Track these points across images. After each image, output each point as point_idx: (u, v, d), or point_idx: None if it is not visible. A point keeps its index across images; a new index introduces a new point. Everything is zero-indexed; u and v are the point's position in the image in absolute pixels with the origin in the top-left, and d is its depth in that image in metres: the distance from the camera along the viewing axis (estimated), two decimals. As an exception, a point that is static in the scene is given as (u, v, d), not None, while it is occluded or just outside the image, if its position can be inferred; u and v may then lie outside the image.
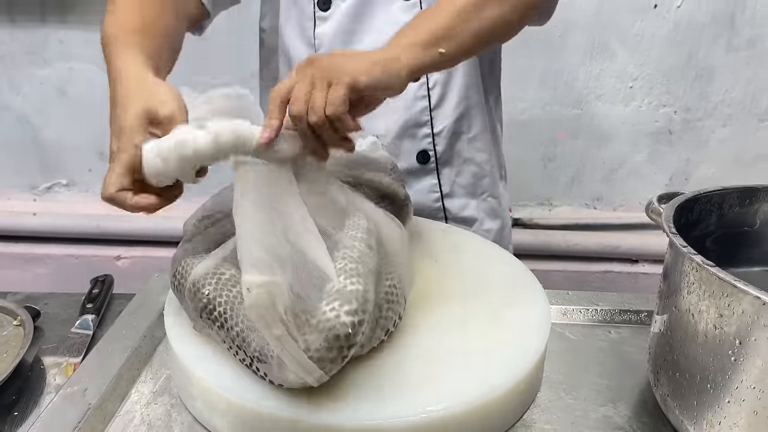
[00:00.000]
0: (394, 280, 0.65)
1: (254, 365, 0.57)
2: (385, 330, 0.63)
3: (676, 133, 1.66)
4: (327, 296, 0.55)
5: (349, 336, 0.54)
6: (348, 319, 0.54)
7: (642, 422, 0.63)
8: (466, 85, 0.95)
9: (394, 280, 0.65)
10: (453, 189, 1.01)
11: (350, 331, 0.53)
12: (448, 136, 0.97)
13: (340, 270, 0.58)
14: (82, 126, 1.69)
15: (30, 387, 0.74)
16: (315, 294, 0.56)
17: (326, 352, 0.53)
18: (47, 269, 1.77)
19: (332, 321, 0.53)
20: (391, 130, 0.95)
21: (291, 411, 0.55)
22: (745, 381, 0.51)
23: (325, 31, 0.91)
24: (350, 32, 0.91)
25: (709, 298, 0.54)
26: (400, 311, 0.65)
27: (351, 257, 0.59)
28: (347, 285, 0.56)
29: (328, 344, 0.53)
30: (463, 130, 0.98)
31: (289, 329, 0.53)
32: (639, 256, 1.72)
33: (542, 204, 1.77)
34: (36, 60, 1.63)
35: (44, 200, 1.78)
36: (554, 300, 0.82)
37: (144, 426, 0.62)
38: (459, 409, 0.56)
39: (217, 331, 0.60)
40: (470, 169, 1.01)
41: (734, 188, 0.71)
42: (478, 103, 0.98)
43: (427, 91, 0.94)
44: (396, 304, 0.64)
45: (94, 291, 0.93)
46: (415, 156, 0.96)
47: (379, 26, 0.91)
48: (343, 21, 0.91)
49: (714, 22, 1.54)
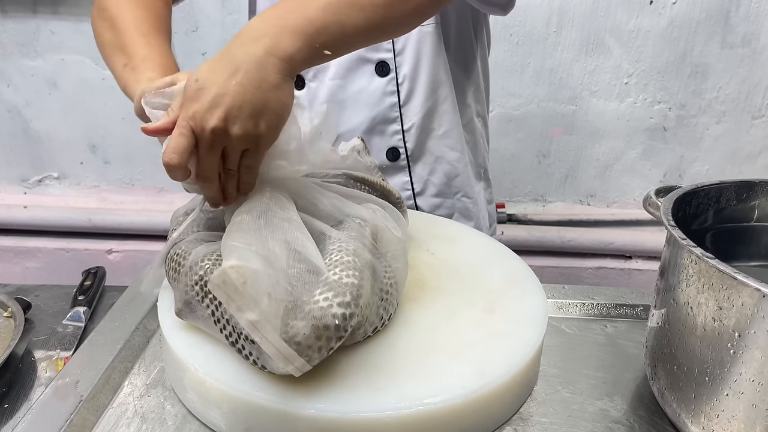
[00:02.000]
0: (391, 279, 0.64)
1: (240, 342, 0.56)
2: (373, 327, 0.62)
3: (671, 129, 1.66)
4: (321, 286, 0.55)
5: (339, 328, 0.53)
6: (340, 311, 0.53)
7: (638, 416, 0.63)
8: (432, 81, 0.94)
9: (391, 279, 0.64)
10: (425, 187, 1.00)
11: (339, 323, 0.53)
12: (417, 132, 0.96)
13: (337, 262, 0.57)
14: (74, 118, 1.68)
15: (20, 379, 0.73)
16: (307, 286, 0.55)
17: (313, 341, 0.53)
18: (38, 263, 1.76)
19: (324, 310, 0.53)
20: (360, 126, 0.94)
21: (285, 402, 0.54)
22: (744, 374, 0.51)
23: None
24: None
25: (708, 290, 0.53)
26: (391, 311, 0.64)
27: (347, 250, 0.59)
28: (342, 277, 0.56)
29: (316, 333, 0.52)
30: (433, 126, 0.97)
31: (268, 316, 0.52)
32: (632, 252, 1.72)
33: (536, 200, 1.77)
34: (27, 51, 1.61)
35: (35, 193, 1.77)
36: (550, 294, 0.81)
37: (137, 418, 0.61)
38: (456, 402, 0.55)
39: (207, 304, 0.59)
40: (442, 167, 1.00)
41: (732, 182, 0.70)
42: (448, 100, 0.96)
43: (396, 86, 0.92)
44: (388, 304, 0.63)
45: (86, 283, 0.91)
46: (384, 153, 0.96)
47: None
48: None
49: (709, 19, 1.54)
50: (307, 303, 0.53)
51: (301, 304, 0.53)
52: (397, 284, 0.65)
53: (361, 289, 0.56)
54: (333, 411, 0.54)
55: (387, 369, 0.59)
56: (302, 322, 0.53)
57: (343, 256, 0.58)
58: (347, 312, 0.53)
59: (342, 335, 0.54)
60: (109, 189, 1.77)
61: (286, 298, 0.53)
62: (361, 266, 0.58)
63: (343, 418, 0.53)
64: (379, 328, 0.63)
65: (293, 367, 0.53)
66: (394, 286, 0.64)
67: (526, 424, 0.62)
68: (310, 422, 0.54)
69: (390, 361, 0.60)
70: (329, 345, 0.54)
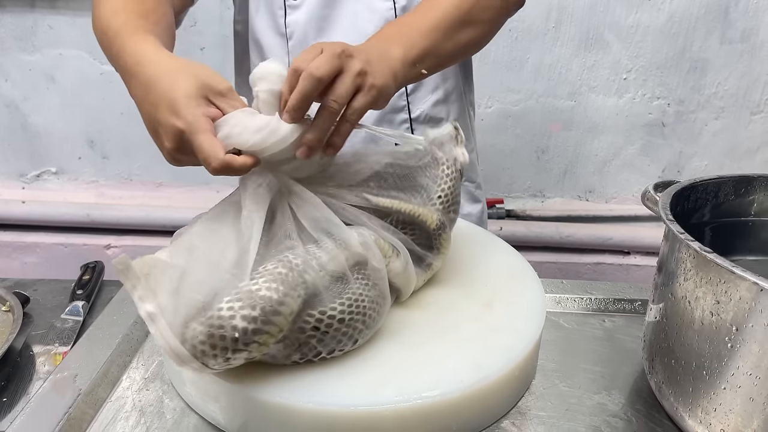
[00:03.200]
0: (351, 308, 0.58)
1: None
2: (329, 352, 0.58)
3: (669, 125, 1.66)
4: (233, 294, 0.52)
5: (236, 341, 0.51)
6: (241, 324, 0.51)
7: (636, 409, 0.63)
8: (443, 71, 0.94)
9: (351, 307, 0.58)
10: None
11: (238, 336, 0.51)
12: (425, 121, 0.96)
13: (264, 272, 0.54)
14: (72, 113, 1.67)
15: (19, 373, 0.73)
16: (224, 290, 0.53)
17: (208, 348, 0.51)
18: (36, 258, 1.76)
19: (224, 320, 0.50)
20: (368, 115, 0.94)
21: (284, 396, 0.54)
22: (742, 367, 0.51)
23: (296, 20, 0.90)
24: (322, 18, 0.89)
25: (706, 284, 0.53)
26: (356, 337, 0.59)
27: (286, 262, 0.55)
28: (262, 289, 0.52)
29: (211, 341, 0.50)
30: (441, 116, 0.97)
31: (165, 311, 0.51)
32: (631, 248, 1.73)
33: (535, 195, 1.77)
34: (25, 46, 1.61)
35: (33, 188, 1.77)
36: (548, 289, 0.81)
37: (135, 412, 0.61)
38: (454, 395, 0.55)
39: None
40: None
41: (730, 177, 0.71)
42: (456, 89, 0.97)
43: None
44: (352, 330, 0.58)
45: (84, 277, 0.91)
46: (393, 143, 0.96)
47: (351, 12, 0.89)
48: (314, 9, 0.89)
49: (708, 15, 1.54)
50: (210, 308, 0.51)
51: (208, 308, 0.51)
52: (366, 314, 0.59)
53: (281, 306, 0.52)
54: (331, 405, 0.54)
55: (385, 363, 0.59)
56: (201, 327, 0.51)
57: (277, 267, 0.54)
58: (250, 327, 0.51)
59: (242, 349, 0.51)
60: (108, 184, 1.77)
61: (198, 298, 0.51)
62: (293, 282, 0.54)
63: (341, 412, 0.54)
64: (335, 354, 0.59)
65: (189, 368, 0.52)
66: (359, 316, 0.58)
67: (524, 417, 0.62)
68: (309, 416, 0.54)
69: (388, 354, 0.60)
70: (226, 355, 0.51)
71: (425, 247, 0.68)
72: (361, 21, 0.89)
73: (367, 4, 0.89)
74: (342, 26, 0.90)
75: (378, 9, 0.89)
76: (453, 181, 0.69)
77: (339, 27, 0.90)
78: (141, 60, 0.62)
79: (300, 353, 0.57)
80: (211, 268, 0.54)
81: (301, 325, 0.55)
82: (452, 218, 0.70)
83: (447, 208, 0.68)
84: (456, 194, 0.69)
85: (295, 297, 0.54)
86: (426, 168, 0.69)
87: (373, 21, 0.89)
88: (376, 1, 0.89)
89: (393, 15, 0.89)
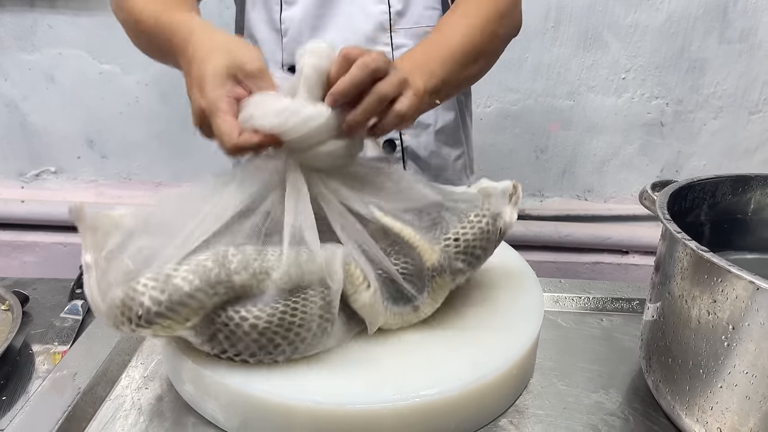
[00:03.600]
0: (281, 319, 0.56)
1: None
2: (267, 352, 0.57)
3: (668, 124, 1.66)
4: (154, 271, 0.53)
5: (140, 317, 0.52)
6: (147, 302, 0.52)
7: (633, 408, 0.64)
8: None
9: (282, 320, 0.56)
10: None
11: (141, 314, 0.52)
12: (414, 126, 0.96)
13: (192, 260, 0.54)
14: (71, 112, 1.67)
15: (18, 372, 0.73)
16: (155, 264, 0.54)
17: (118, 314, 0.53)
18: (35, 257, 1.76)
19: (136, 293, 0.52)
20: None
21: (282, 395, 0.54)
22: (738, 366, 0.52)
23: (291, 15, 0.90)
24: (317, 16, 0.90)
25: (703, 283, 0.54)
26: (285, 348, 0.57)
27: (220, 260, 0.54)
28: (179, 275, 0.53)
29: (120, 309, 0.53)
30: (429, 121, 0.98)
31: (98, 266, 0.53)
32: (629, 247, 1.73)
33: (534, 195, 1.77)
34: (24, 45, 1.61)
35: (32, 187, 1.77)
36: (547, 288, 0.82)
37: (134, 410, 0.61)
38: (452, 394, 0.56)
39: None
40: (435, 161, 1.01)
41: (727, 176, 0.71)
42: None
43: None
44: (281, 338, 0.56)
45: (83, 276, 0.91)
46: (381, 145, 0.96)
47: (346, 14, 0.90)
48: (309, 6, 0.90)
49: (707, 15, 1.54)
50: (135, 280, 0.53)
51: (133, 277, 0.53)
52: (293, 330, 0.56)
53: (190, 299, 0.53)
54: (330, 403, 0.54)
55: (384, 361, 0.59)
56: (120, 294, 0.53)
57: (207, 261, 0.54)
58: (153, 309, 0.52)
59: (144, 326, 0.53)
60: (107, 183, 1.77)
61: (128, 265, 0.54)
62: (214, 280, 0.54)
63: (339, 410, 0.54)
64: (249, 360, 0.57)
65: (111, 324, 0.54)
66: (281, 329, 0.56)
67: (522, 416, 0.62)
68: (307, 414, 0.54)
69: (386, 353, 0.60)
70: (131, 326, 0.53)
71: (415, 287, 0.62)
72: (356, 23, 0.90)
73: (362, 7, 0.89)
74: (336, 26, 0.90)
75: (372, 13, 0.89)
76: (480, 232, 0.62)
77: (333, 27, 0.90)
78: (188, 37, 0.65)
79: (210, 345, 0.57)
80: (160, 238, 0.56)
81: (213, 317, 0.56)
82: (459, 268, 0.62)
83: (457, 253, 0.61)
84: (477, 247, 0.62)
85: (210, 294, 0.54)
86: (459, 207, 0.64)
87: (367, 24, 0.90)
88: (370, 5, 0.89)
89: (387, 19, 0.89)
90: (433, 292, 0.62)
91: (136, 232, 0.56)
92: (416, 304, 0.62)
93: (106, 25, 1.56)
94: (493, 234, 0.63)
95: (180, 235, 0.56)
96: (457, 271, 0.62)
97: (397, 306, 0.62)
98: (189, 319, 0.54)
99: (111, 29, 1.57)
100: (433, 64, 0.71)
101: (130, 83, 1.64)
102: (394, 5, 0.90)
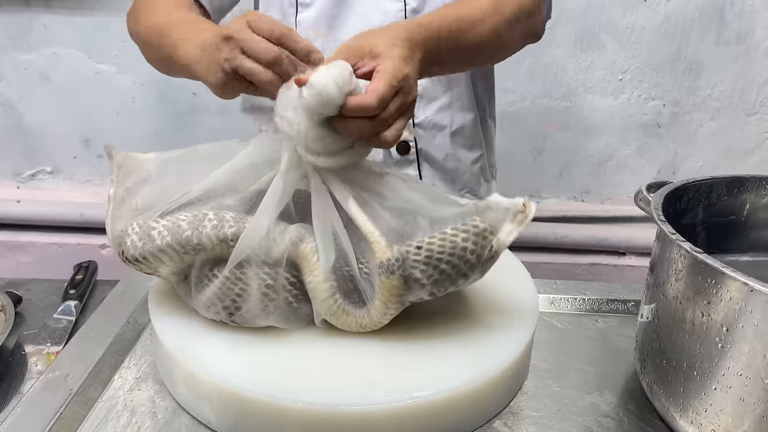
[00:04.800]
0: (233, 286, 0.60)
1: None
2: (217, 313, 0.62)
3: (665, 126, 1.66)
4: (144, 219, 0.61)
5: (123, 254, 0.61)
6: (129, 246, 0.60)
7: (628, 410, 0.63)
8: (448, 78, 0.94)
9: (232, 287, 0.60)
10: (432, 182, 1.00)
11: (123, 251, 0.61)
12: (429, 127, 0.96)
13: (175, 216, 0.60)
14: (67, 112, 1.67)
15: (11, 373, 0.73)
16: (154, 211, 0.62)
17: (116, 245, 0.62)
18: (31, 257, 1.75)
19: (125, 235, 0.60)
20: None
21: (275, 396, 0.54)
22: (732, 368, 0.51)
23: (306, 18, 0.90)
24: (332, 16, 0.90)
25: (697, 285, 0.54)
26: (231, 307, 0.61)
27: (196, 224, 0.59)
28: (155, 229, 0.59)
29: (117, 242, 0.61)
30: (444, 123, 0.97)
31: (116, 199, 0.63)
32: (626, 248, 1.73)
33: (531, 196, 1.77)
34: (20, 45, 1.60)
35: (28, 187, 1.76)
36: (542, 289, 0.81)
37: (127, 412, 0.61)
38: (446, 395, 0.55)
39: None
40: (451, 164, 1.00)
41: (722, 178, 0.71)
42: (463, 97, 0.97)
43: None
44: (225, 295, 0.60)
45: (77, 277, 0.91)
46: (395, 146, 0.96)
47: (361, 13, 0.90)
48: (324, 7, 0.90)
49: (703, 16, 1.54)
50: (131, 221, 0.61)
51: (135, 217, 0.61)
52: (240, 295, 0.60)
53: (161, 252, 0.59)
54: (322, 404, 0.54)
55: (376, 362, 0.59)
56: (120, 228, 0.61)
57: (184, 221, 0.59)
58: (130, 252, 0.60)
59: (128, 262, 0.61)
60: (103, 183, 1.76)
61: (134, 205, 0.62)
62: (184, 240, 0.59)
63: (332, 411, 0.54)
64: (225, 319, 0.62)
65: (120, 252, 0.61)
66: (229, 291, 0.60)
67: (516, 417, 0.62)
68: (300, 415, 0.54)
69: (379, 354, 0.60)
70: (121, 259, 0.62)
71: (372, 289, 0.60)
72: (371, 21, 0.90)
73: (377, 5, 0.89)
74: (351, 27, 0.90)
75: (388, 10, 0.89)
76: (452, 247, 0.57)
77: (348, 27, 0.90)
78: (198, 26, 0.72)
79: (186, 294, 0.64)
80: (167, 187, 0.63)
81: (196, 272, 0.62)
82: (416, 277, 0.57)
83: (416, 261, 0.57)
84: (443, 261, 0.57)
85: (180, 252, 0.59)
86: (442, 215, 0.60)
87: (382, 21, 0.89)
88: (386, 2, 0.89)
89: (403, 16, 0.89)
90: (379, 294, 0.58)
91: (152, 176, 0.64)
92: (368, 309, 0.60)
93: (102, 25, 1.56)
94: (472, 253, 0.57)
95: (180, 189, 0.62)
96: (413, 281, 0.57)
97: (354, 308, 0.61)
98: (163, 267, 0.61)
99: (107, 29, 1.57)
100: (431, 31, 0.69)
101: (126, 83, 1.63)
102: (410, 2, 0.89)
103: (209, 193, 0.62)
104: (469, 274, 0.59)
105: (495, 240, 0.58)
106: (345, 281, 0.60)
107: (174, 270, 0.62)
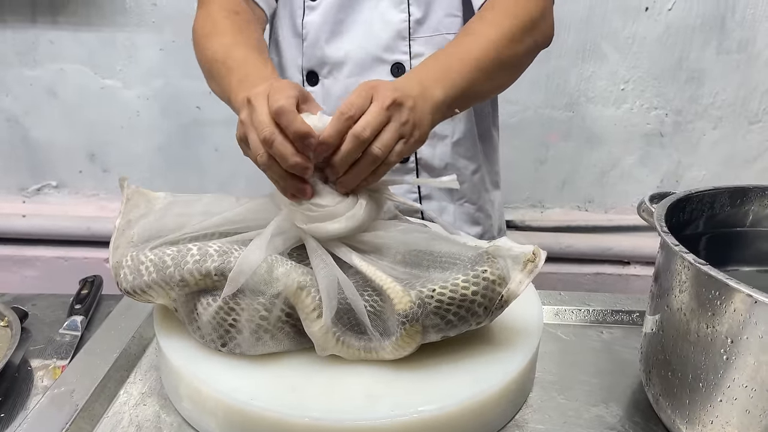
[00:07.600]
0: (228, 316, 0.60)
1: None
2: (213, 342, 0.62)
3: (668, 135, 1.66)
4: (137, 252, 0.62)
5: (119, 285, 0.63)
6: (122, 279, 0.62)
7: (634, 422, 0.63)
8: None
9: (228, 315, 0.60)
10: (432, 191, 1.00)
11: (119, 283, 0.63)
12: (430, 136, 0.96)
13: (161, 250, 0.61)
14: (72, 127, 1.68)
15: (17, 388, 0.73)
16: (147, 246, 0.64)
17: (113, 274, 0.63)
18: (36, 271, 1.76)
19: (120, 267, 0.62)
20: None
21: (280, 411, 0.54)
22: (738, 379, 0.51)
23: (312, 20, 0.92)
24: (337, 21, 0.91)
25: (701, 296, 0.53)
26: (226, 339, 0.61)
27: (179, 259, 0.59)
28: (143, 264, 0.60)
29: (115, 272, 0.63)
30: (446, 133, 0.97)
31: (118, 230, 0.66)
32: (630, 258, 1.72)
33: (534, 206, 1.77)
34: (26, 61, 1.62)
35: (34, 202, 1.77)
36: (547, 300, 0.81)
37: (132, 427, 0.61)
38: (451, 409, 0.55)
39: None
40: (451, 173, 1.00)
41: (726, 188, 0.71)
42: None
43: None
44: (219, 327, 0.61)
45: (82, 292, 0.92)
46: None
47: (366, 20, 0.90)
48: (330, 11, 0.91)
49: (705, 25, 1.55)
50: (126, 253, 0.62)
51: (130, 251, 0.62)
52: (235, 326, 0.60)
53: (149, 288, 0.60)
54: (328, 419, 0.54)
55: (382, 377, 0.59)
56: (117, 258, 0.63)
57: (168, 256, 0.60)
58: (124, 285, 0.62)
59: (125, 291, 0.62)
60: (108, 197, 1.77)
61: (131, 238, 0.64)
62: (168, 277, 0.59)
63: (338, 427, 0.54)
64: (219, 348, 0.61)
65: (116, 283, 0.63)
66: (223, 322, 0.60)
67: (521, 431, 0.62)
68: (306, 431, 0.54)
69: (384, 368, 0.60)
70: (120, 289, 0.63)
71: (378, 328, 0.60)
72: (375, 30, 0.91)
73: (381, 15, 0.90)
74: (355, 33, 0.91)
75: (392, 20, 0.90)
76: (471, 293, 0.57)
77: (352, 33, 0.91)
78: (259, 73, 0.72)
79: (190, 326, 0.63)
80: (167, 225, 0.65)
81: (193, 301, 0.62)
82: (436, 324, 0.57)
83: (437, 309, 0.57)
84: (464, 308, 0.57)
85: (166, 289, 0.60)
86: (456, 261, 0.61)
87: (386, 31, 0.90)
88: (390, 12, 0.90)
89: (407, 27, 0.90)
90: (400, 341, 0.58)
91: (155, 213, 0.67)
92: (372, 345, 0.60)
93: (108, 41, 1.57)
94: (480, 305, 0.57)
95: (176, 229, 0.65)
96: (434, 328, 0.58)
97: (356, 340, 0.60)
98: (156, 299, 0.62)
99: (112, 45, 1.59)
100: (456, 75, 0.71)
101: (131, 98, 1.65)
102: (414, 13, 0.90)
103: (201, 233, 0.65)
104: (474, 319, 0.59)
105: (505, 290, 0.58)
106: (349, 315, 0.60)
107: (167, 301, 0.63)
